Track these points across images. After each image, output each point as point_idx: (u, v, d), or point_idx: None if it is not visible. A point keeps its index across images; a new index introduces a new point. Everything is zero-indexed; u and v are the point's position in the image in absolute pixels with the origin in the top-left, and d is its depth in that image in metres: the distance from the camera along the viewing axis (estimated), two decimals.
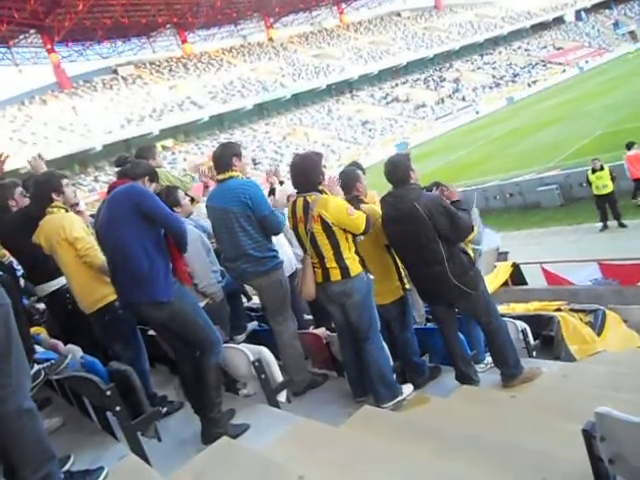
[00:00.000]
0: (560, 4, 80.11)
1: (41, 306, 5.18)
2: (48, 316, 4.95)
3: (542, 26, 76.75)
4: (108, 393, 2.77)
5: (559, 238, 12.89)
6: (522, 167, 20.90)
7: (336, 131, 51.67)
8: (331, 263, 3.39)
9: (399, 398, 3.51)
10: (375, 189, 4.30)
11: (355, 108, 57.10)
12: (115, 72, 56.28)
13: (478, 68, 66.23)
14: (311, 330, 4.34)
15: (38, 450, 2.31)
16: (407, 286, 3.92)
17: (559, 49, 69.28)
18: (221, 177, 3.85)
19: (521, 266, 8.06)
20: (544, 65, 64.46)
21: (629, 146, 12.98)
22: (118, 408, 2.80)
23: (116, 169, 3.44)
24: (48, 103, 49.19)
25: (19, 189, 4.15)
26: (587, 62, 62.91)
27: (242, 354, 3.49)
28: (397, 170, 3.70)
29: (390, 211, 3.68)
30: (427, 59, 67.30)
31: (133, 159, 3.85)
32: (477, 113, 52.57)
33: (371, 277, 3.63)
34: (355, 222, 3.37)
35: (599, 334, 5.31)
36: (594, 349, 5.09)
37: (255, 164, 42.05)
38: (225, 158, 3.83)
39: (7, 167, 4.54)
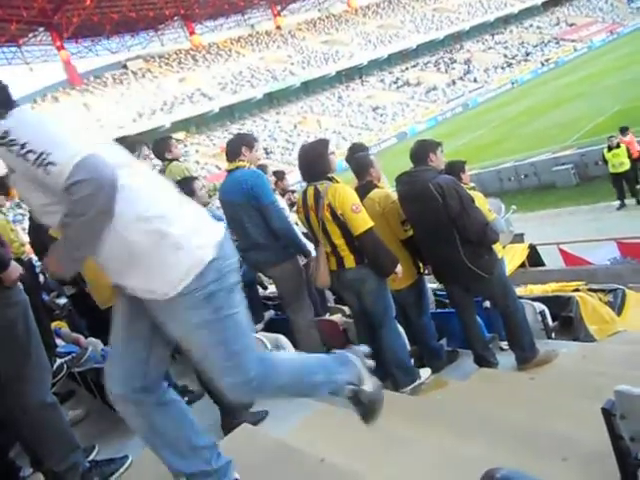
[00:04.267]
0: None
1: (61, 301, 5.27)
2: (69, 310, 5.04)
3: (554, 2, 75.15)
4: None
5: (575, 218, 12.74)
6: (537, 147, 20.65)
7: (347, 118, 51.40)
8: (344, 251, 3.38)
9: (417, 382, 3.52)
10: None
11: (365, 94, 56.70)
12: (125, 67, 56.49)
13: (489, 48, 65.24)
14: (327, 317, 4.37)
15: (62, 442, 2.37)
16: (422, 270, 3.92)
17: (572, 25, 67.97)
18: (228, 167, 3.86)
19: (538, 247, 7.99)
20: (557, 42, 63.32)
21: (623, 130, 12.76)
22: None
23: None
24: (60, 100, 49.53)
25: None
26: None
27: (259, 342, 3.52)
28: (418, 150, 3.76)
29: (404, 189, 3.69)
30: (437, 41, 66.43)
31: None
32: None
33: None
34: (356, 221, 3.26)
35: (619, 314, 5.26)
36: (614, 329, 5.04)
37: (267, 154, 42.05)
38: (234, 148, 3.84)
39: None
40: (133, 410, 1.93)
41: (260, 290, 5.88)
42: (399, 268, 3.40)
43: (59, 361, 3.07)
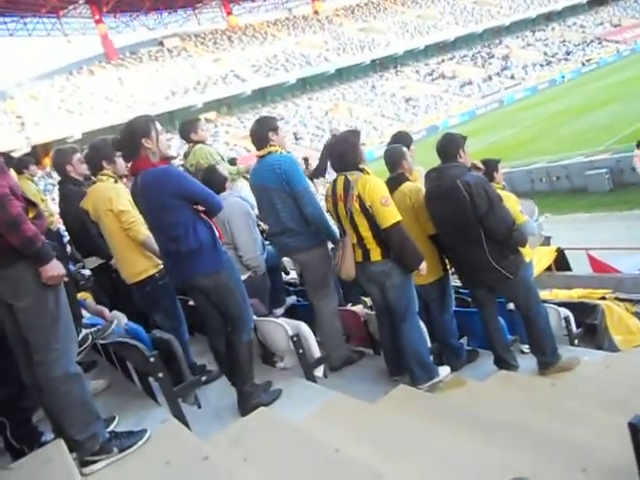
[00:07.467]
0: None
1: (86, 272, 5.33)
2: (94, 282, 5.11)
3: (599, 1, 72.99)
4: (152, 360, 2.85)
5: (607, 224, 12.47)
6: (572, 149, 20.19)
7: (379, 107, 50.90)
8: (371, 244, 3.36)
9: (435, 380, 3.49)
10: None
11: (399, 84, 56.03)
12: (161, 44, 56.72)
13: (529, 45, 63.73)
14: (349, 307, 4.36)
15: (84, 412, 2.42)
16: (448, 267, 3.89)
17: (616, 26, 65.94)
18: (260, 153, 3.85)
19: (566, 251, 7.85)
20: (599, 43, 61.59)
21: None
22: (161, 375, 2.89)
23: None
24: (95, 73, 50.05)
25: (77, 155, 4.22)
26: None
27: (281, 328, 3.53)
28: (448, 145, 3.67)
29: (432, 187, 3.65)
30: (476, 34, 65.08)
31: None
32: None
33: None
34: (384, 214, 3.23)
35: None
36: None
37: (297, 139, 41.99)
38: (262, 134, 3.82)
39: (55, 136, 4.66)
40: None
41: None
42: (423, 265, 3.36)
43: (84, 332, 3.12)
